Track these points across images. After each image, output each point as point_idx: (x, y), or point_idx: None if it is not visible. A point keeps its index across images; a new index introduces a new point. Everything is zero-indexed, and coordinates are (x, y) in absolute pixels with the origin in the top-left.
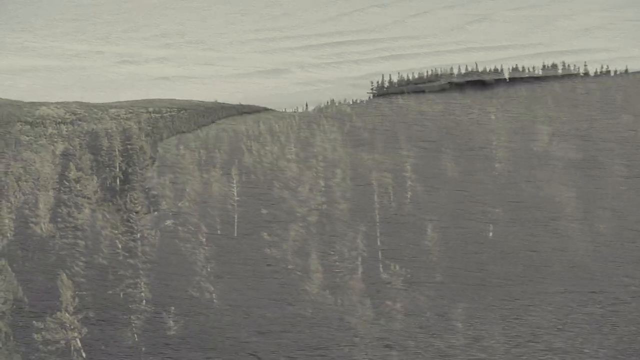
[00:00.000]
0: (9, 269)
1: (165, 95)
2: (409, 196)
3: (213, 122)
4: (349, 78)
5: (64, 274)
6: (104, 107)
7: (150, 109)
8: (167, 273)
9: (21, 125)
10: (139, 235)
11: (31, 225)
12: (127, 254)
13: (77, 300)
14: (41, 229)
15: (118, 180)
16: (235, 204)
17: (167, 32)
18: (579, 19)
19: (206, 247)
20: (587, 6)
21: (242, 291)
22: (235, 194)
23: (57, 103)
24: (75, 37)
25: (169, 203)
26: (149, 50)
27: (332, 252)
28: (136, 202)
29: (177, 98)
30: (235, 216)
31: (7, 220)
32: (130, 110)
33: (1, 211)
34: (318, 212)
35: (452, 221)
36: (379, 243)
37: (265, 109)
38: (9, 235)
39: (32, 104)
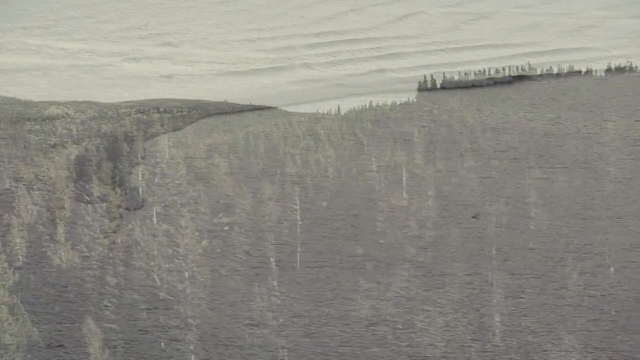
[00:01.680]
0: (22, 307)
1: (167, 93)
2: (532, 225)
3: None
4: (348, 76)
5: (90, 318)
6: (114, 107)
7: (162, 109)
8: (224, 323)
9: (30, 124)
10: (186, 274)
11: (47, 252)
12: (171, 297)
13: (107, 352)
14: (60, 258)
15: (141, 191)
16: (298, 230)
17: (167, 31)
18: (575, 17)
19: (277, 293)
20: (583, 5)
21: (330, 354)
22: (299, 218)
23: (67, 102)
24: (75, 36)
25: (205, 220)
26: (150, 49)
27: (445, 301)
28: (181, 226)
29: (181, 97)
30: (298, 249)
31: (18, 240)
32: (141, 110)
33: (11, 229)
34: (424, 250)
35: (593, 256)
36: (508, 290)
37: (277, 108)
38: (20, 258)
39: (41, 103)
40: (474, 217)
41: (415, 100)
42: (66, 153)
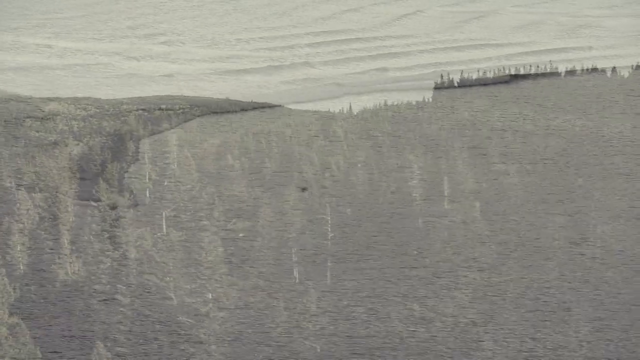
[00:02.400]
0: (24, 326)
1: (166, 91)
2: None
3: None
4: (349, 75)
5: (100, 343)
6: (115, 104)
7: (163, 106)
8: (252, 351)
9: (31, 121)
10: (210, 295)
11: (51, 264)
12: (191, 320)
13: None
14: (66, 271)
15: (148, 192)
16: (329, 242)
17: (165, 31)
18: (573, 17)
19: (314, 321)
20: (582, 4)
21: None
22: (329, 229)
23: (68, 99)
24: (71, 35)
25: (220, 225)
26: (147, 48)
27: (507, 331)
28: (192, 230)
29: (181, 95)
30: (328, 264)
31: (19, 247)
32: (142, 107)
33: (11, 236)
34: (478, 269)
35: None
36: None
37: (280, 106)
38: (21, 267)
39: (42, 99)
40: (303, 189)
41: (431, 99)
42: (67, 150)
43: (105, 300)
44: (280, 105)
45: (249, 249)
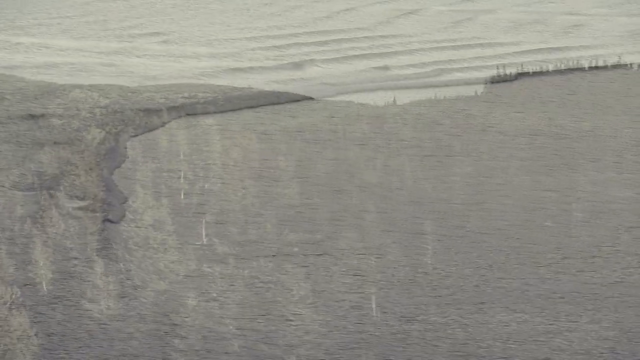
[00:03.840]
0: None
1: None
2: None
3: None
4: (344, 74)
5: None
6: (139, 91)
7: (186, 94)
8: None
9: (54, 108)
10: (282, 349)
11: (81, 300)
12: None
13: None
14: (100, 308)
15: (183, 194)
16: (429, 271)
17: (165, 30)
18: (578, 15)
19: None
20: (586, 3)
21: None
22: (429, 260)
23: (90, 85)
24: (71, 35)
25: (273, 239)
26: (148, 47)
27: None
28: (237, 243)
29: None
30: (430, 299)
31: (42, 263)
32: (165, 96)
33: (34, 248)
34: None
35: None
36: None
37: (308, 98)
38: (44, 287)
39: (65, 86)
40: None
41: (483, 94)
42: (91, 143)
43: (151, 348)
44: (312, 98)
45: (323, 275)
